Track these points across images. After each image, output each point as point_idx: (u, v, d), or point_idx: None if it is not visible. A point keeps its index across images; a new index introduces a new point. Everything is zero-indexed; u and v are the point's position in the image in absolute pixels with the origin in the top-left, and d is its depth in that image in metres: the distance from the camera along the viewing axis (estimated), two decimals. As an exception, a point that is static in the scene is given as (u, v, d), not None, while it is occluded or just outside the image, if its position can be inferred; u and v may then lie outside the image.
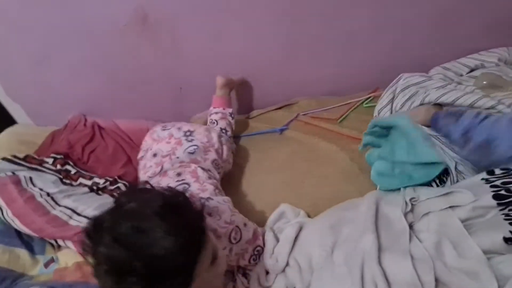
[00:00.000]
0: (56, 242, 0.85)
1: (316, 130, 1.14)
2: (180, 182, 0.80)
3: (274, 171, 1.04)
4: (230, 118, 1.17)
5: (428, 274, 0.56)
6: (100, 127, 1.28)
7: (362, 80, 1.31)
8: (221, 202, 0.75)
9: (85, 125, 1.27)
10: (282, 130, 1.18)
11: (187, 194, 0.56)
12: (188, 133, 0.99)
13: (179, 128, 1.01)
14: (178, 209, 0.50)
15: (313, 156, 1.04)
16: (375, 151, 0.90)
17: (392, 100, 1.04)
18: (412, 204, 0.74)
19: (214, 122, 1.15)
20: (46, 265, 0.82)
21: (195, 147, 0.94)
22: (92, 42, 1.21)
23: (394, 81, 1.09)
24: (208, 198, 0.75)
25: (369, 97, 1.22)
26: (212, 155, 0.95)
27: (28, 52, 1.23)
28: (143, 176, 0.95)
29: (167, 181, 0.82)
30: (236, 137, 1.21)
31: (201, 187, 0.79)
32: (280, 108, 1.31)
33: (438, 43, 1.26)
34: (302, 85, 1.35)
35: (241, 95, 1.37)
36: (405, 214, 0.70)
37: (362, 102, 1.21)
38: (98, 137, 1.22)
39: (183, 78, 1.31)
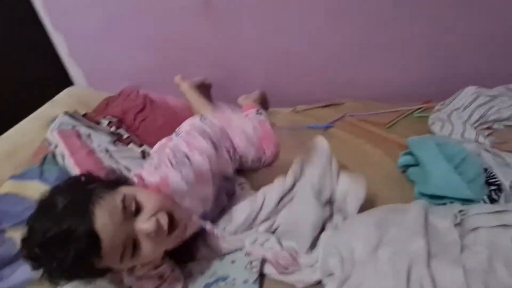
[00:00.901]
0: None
1: (362, 133, 1.13)
2: None
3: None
4: (258, 115, 1.14)
5: (479, 285, 0.54)
6: (151, 100, 1.33)
7: (414, 90, 1.29)
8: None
9: (137, 95, 1.33)
10: (327, 127, 1.18)
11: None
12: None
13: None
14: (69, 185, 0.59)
15: (356, 157, 1.03)
16: (414, 171, 0.90)
17: (456, 109, 1.02)
18: (461, 218, 0.72)
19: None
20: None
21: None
22: (156, 20, 1.27)
23: (459, 92, 1.08)
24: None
25: (421, 107, 1.20)
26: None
27: (96, 22, 1.31)
28: None
29: None
30: (278, 128, 1.22)
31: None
32: (326, 106, 1.31)
33: (499, 63, 1.21)
34: (350, 87, 1.34)
35: (287, 88, 1.38)
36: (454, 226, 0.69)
37: (413, 111, 1.19)
38: (149, 108, 1.28)
39: (235, 65, 1.34)
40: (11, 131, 1.10)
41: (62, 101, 1.27)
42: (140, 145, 1.06)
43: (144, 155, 0.99)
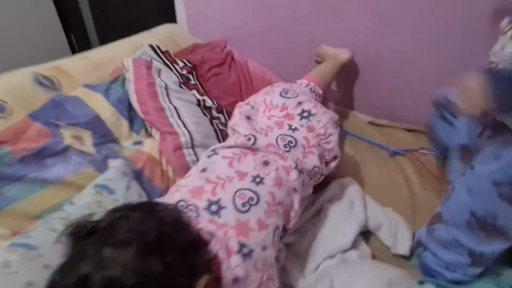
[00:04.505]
0: (151, 129, 0.93)
1: (427, 173, 0.96)
2: (255, 180, 0.61)
3: (365, 186, 0.92)
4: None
5: None
6: (233, 58, 1.33)
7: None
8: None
9: (222, 50, 1.34)
10: (395, 153, 1.02)
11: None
12: (306, 114, 0.76)
13: (299, 103, 0.79)
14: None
15: (406, 195, 0.89)
16: None
17: None
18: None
19: None
20: (135, 143, 0.92)
21: (294, 141, 0.71)
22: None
23: None
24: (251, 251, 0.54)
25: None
26: (313, 160, 0.70)
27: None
28: (232, 125, 0.80)
29: (248, 165, 0.63)
30: (346, 132, 1.10)
31: (270, 209, 0.58)
32: (409, 130, 1.12)
33: None
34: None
35: (372, 93, 1.21)
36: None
37: None
38: (227, 66, 1.28)
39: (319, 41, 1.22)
40: (105, 47, 1.19)
41: (157, 34, 1.34)
42: (202, 95, 1.06)
43: (200, 103, 0.99)
